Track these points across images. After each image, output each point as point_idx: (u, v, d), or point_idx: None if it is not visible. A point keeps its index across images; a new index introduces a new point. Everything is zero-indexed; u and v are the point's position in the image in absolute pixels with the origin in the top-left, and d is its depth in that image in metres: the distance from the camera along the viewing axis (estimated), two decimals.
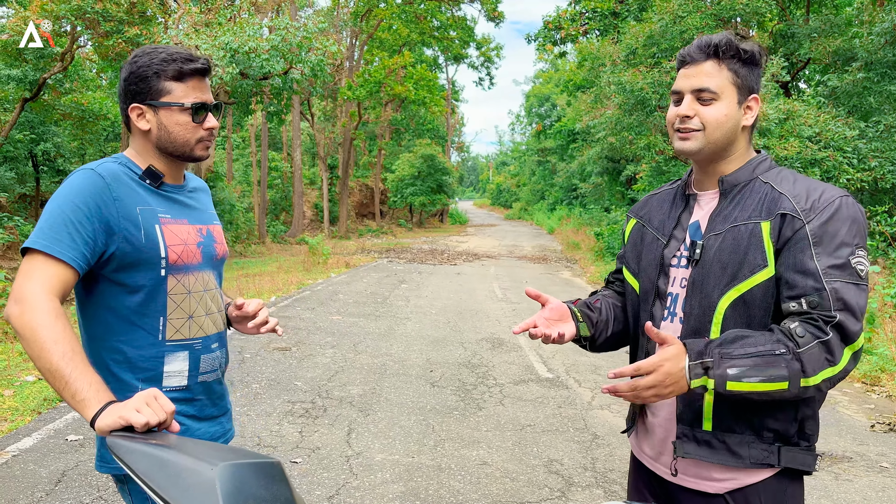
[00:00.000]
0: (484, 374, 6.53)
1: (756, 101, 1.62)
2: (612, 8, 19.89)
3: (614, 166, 28.03)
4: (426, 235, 32.62)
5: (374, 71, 29.08)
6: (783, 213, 1.51)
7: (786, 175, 1.61)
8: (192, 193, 1.85)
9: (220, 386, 1.84)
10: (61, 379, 1.40)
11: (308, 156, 39.84)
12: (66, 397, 1.40)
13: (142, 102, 1.68)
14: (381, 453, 4.42)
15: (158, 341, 1.66)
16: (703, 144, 1.61)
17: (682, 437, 1.61)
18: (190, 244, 1.72)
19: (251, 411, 5.17)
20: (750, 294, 1.52)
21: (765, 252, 1.51)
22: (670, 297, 1.69)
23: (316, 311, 9.86)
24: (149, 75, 1.67)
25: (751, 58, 1.59)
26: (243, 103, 18.45)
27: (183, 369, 1.70)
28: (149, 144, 1.72)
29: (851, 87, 13.29)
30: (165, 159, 1.74)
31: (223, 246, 1.89)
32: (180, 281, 1.69)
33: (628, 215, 1.94)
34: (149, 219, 1.64)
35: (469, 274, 15.86)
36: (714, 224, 1.61)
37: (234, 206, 22.31)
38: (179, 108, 1.68)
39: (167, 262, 1.65)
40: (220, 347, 1.82)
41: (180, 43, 13.50)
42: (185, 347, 1.70)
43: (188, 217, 1.76)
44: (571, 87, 32.92)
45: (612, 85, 16.05)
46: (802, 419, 1.56)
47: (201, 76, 1.72)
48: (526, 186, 54.91)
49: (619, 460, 4.44)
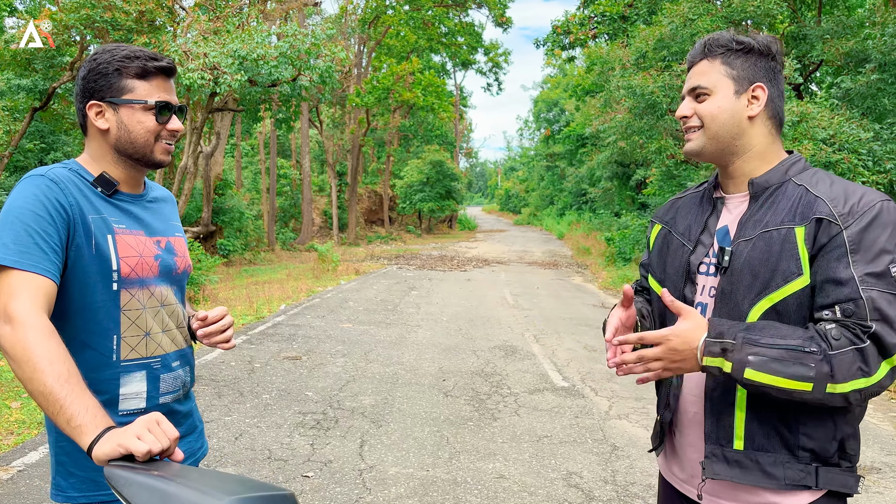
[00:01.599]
0: (498, 383, 6.41)
1: (762, 90, 1.53)
2: (622, 12, 19.78)
3: (624, 171, 27.89)
4: (435, 241, 32.53)
5: (382, 77, 29.07)
6: (819, 218, 1.40)
7: (821, 177, 1.50)
8: (151, 203, 1.73)
9: (184, 405, 1.74)
10: (55, 403, 1.28)
11: (317, 163, 39.87)
12: (60, 423, 1.29)
13: (101, 100, 1.59)
14: (395, 466, 4.31)
15: (113, 362, 1.55)
16: (704, 141, 1.57)
17: (711, 457, 1.51)
18: (146, 256, 1.61)
19: (261, 423, 5.07)
20: (783, 304, 1.41)
21: (799, 259, 1.40)
22: (699, 306, 1.59)
23: (326, 318, 9.77)
24: (109, 72, 1.58)
25: (746, 48, 1.53)
26: (252, 111, 18.46)
27: (141, 391, 1.59)
28: (106, 147, 1.62)
29: (865, 88, 13.11)
30: (123, 164, 1.64)
31: (185, 259, 1.77)
32: (134, 296, 1.57)
33: (652, 220, 1.85)
34: (101, 229, 1.54)
35: (479, 280, 15.74)
36: (744, 229, 1.51)
37: (244, 213, 22.30)
38: (142, 107, 1.59)
39: (119, 275, 1.54)
40: (182, 365, 1.71)
41: (189, 51, 13.50)
42: (143, 367, 1.59)
43: (145, 228, 1.65)
44: (580, 91, 32.83)
45: (621, 89, 15.94)
46: (842, 438, 1.45)
47: (166, 76, 1.63)
48: (535, 192, 54.74)
49: (641, 473, 4.31)
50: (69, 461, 1.55)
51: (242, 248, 21.78)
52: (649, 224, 1.86)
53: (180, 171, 16.57)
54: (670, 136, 15.99)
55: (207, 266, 12.37)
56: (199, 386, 5.96)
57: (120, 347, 1.55)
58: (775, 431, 1.44)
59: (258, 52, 13.32)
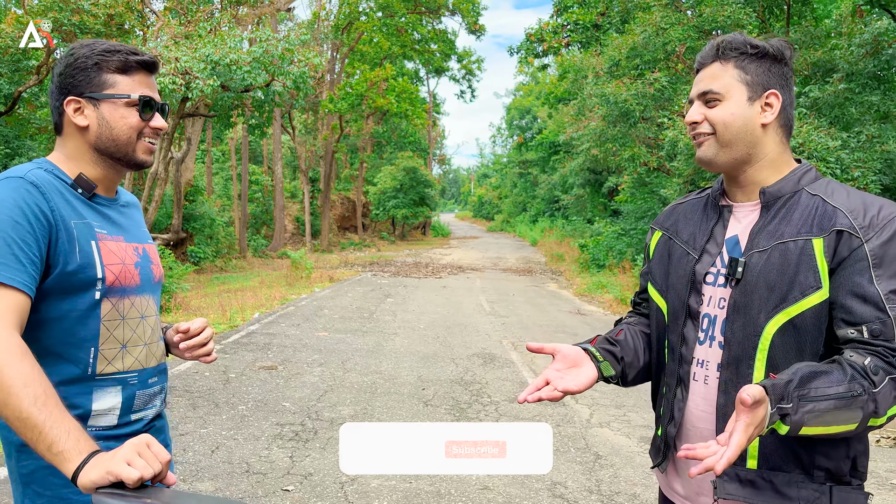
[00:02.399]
0: (478, 392, 6.36)
1: (776, 97, 1.48)
2: (594, 20, 19.98)
3: (596, 178, 28.14)
4: (409, 248, 32.44)
5: (355, 84, 28.96)
6: (839, 230, 1.36)
7: (836, 187, 1.46)
8: (124, 209, 1.65)
9: (157, 423, 1.65)
10: (33, 429, 1.20)
11: (289, 169, 39.54)
12: (40, 450, 1.20)
13: (80, 95, 1.50)
14: (378, 479, 4.23)
15: (88, 375, 1.45)
16: (717, 149, 1.50)
17: (724, 476, 1.46)
18: (128, 264, 1.53)
19: (238, 435, 4.95)
20: (801, 318, 1.37)
21: (818, 272, 1.36)
22: (707, 318, 1.54)
23: (301, 327, 9.64)
24: (88, 66, 1.49)
25: (761, 53, 1.48)
26: (224, 116, 18.24)
27: (114, 406, 1.50)
28: (84, 146, 1.52)
29: (832, 98, 13.38)
30: (102, 165, 1.55)
31: (159, 267, 1.70)
32: (115, 306, 1.49)
33: (652, 227, 1.78)
34: (84, 234, 1.45)
35: (455, 287, 15.70)
36: (757, 240, 1.46)
37: (215, 220, 21.97)
38: (125, 102, 1.51)
39: (104, 283, 1.46)
40: (159, 381, 1.63)
41: (159, 55, 13.28)
42: (119, 382, 1.50)
43: (124, 234, 1.58)
44: (553, 99, 33.09)
45: (594, 97, 16.06)
46: (855, 456, 1.42)
47: (148, 71, 1.55)
48: (508, 198, 54.99)
49: (625, 482, 4.29)
50: (36, 481, 1.45)
51: (214, 255, 21.46)
52: (649, 231, 1.80)
53: (150, 177, 16.29)
54: (643, 143, 16.15)
55: (179, 274, 12.14)
56: (172, 397, 5.82)
57: (97, 361, 1.46)
58: (790, 451, 1.41)
59: (231, 57, 13.16)
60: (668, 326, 1.63)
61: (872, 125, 12.81)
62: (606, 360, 1.63)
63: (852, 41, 13.02)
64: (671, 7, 14.69)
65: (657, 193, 17.17)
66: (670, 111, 13.79)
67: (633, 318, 1.83)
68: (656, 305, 1.68)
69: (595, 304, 13.51)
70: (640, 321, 1.80)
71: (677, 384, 1.60)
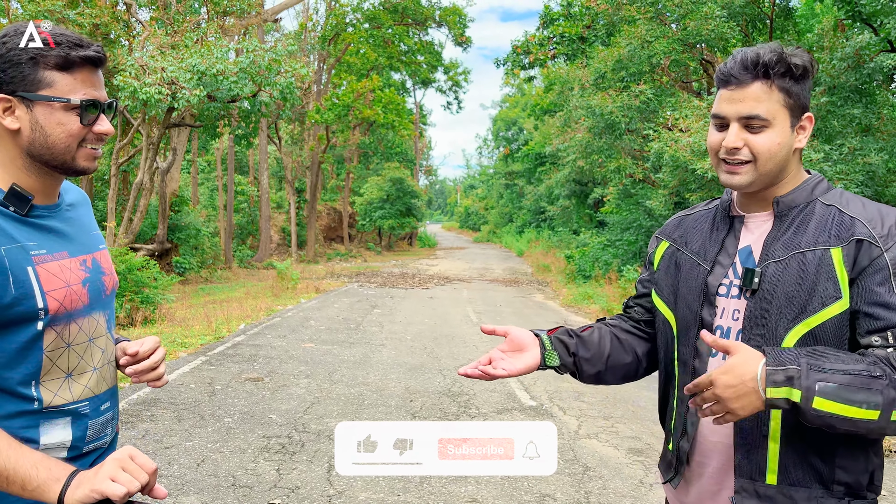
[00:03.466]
0: (466, 403, 6.34)
1: (810, 121, 1.46)
2: (580, 33, 20.13)
3: (582, 189, 28.28)
4: (396, 259, 32.39)
5: (342, 94, 28.96)
6: (859, 240, 1.35)
7: (850, 197, 1.45)
8: (69, 212, 1.45)
9: (109, 452, 1.48)
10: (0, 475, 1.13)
11: (275, 179, 39.41)
12: (15, 492, 1.14)
13: (11, 93, 1.28)
14: (365, 492, 4.20)
15: (34, 409, 1.29)
16: (754, 178, 1.44)
17: (742, 492, 1.43)
18: (73, 285, 1.35)
19: (224, 448, 4.90)
20: (821, 329, 1.36)
21: (837, 282, 1.35)
22: (720, 330, 1.51)
23: (287, 338, 9.57)
24: (23, 61, 1.27)
25: (803, 73, 1.41)
26: (210, 126, 18.16)
27: (65, 440, 1.34)
28: (15, 151, 1.31)
29: (815, 111, 13.56)
30: (37, 172, 1.34)
31: (112, 277, 1.51)
32: (60, 334, 1.32)
33: (657, 237, 1.74)
34: (18, 261, 1.25)
35: (442, 298, 15.68)
36: (772, 250, 1.44)
37: (200, 230, 21.83)
38: (63, 106, 1.30)
39: (46, 312, 1.28)
40: (110, 408, 1.47)
41: (146, 65, 13.23)
42: (67, 414, 1.34)
43: (68, 248, 1.38)
44: (539, 110, 33.27)
45: (580, 108, 16.17)
46: (873, 470, 1.41)
47: (94, 67, 1.34)
48: (494, 209, 55.10)
49: (614, 494, 4.28)
50: None
51: (199, 265, 21.30)
52: (653, 240, 1.77)
53: (136, 188, 16.18)
54: (629, 155, 16.27)
55: (164, 284, 12.03)
56: (157, 409, 5.75)
57: (42, 395, 1.30)
58: (810, 465, 1.39)
59: (218, 68, 13.14)
60: (678, 338, 1.60)
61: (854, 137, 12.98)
62: (554, 350, 1.65)
63: (834, 55, 13.21)
64: (656, 20, 14.85)
65: (642, 205, 17.27)
66: (655, 123, 13.90)
67: (615, 320, 1.80)
68: (663, 317, 1.64)
69: (581, 315, 13.54)
70: (620, 324, 1.77)
71: (690, 397, 1.59)
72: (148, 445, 4.88)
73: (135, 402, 5.94)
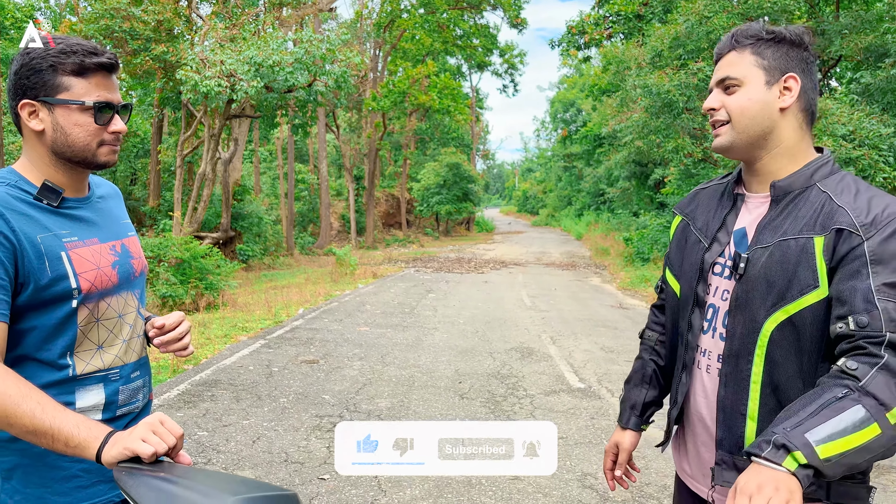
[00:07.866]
0: (514, 385, 6.41)
1: (794, 80, 1.47)
2: (636, 11, 19.70)
3: (642, 170, 27.74)
4: (453, 244, 32.56)
5: (397, 81, 29.19)
6: (839, 229, 1.36)
7: (848, 183, 1.44)
8: (99, 203, 1.62)
9: (143, 416, 1.65)
10: (45, 435, 1.28)
11: (334, 167, 40.11)
12: (60, 449, 1.29)
13: (34, 99, 1.45)
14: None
15: (68, 378, 1.47)
16: (733, 136, 1.51)
17: (722, 464, 1.50)
18: (104, 267, 1.52)
19: (278, 426, 5.12)
20: (799, 317, 1.38)
21: (816, 271, 1.37)
22: (711, 308, 1.57)
23: (343, 322, 9.83)
24: (43, 68, 1.43)
25: (778, 38, 1.47)
26: (269, 116, 18.63)
27: (99, 403, 1.52)
28: (43, 150, 1.49)
29: (885, 83, 12.93)
30: (64, 168, 1.51)
31: (141, 260, 1.68)
32: (92, 311, 1.49)
33: (674, 211, 1.81)
34: (53, 247, 1.43)
35: (496, 282, 15.74)
36: (762, 235, 1.48)
37: (262, 218, 22.48)
38: (79, 108, 1.46)
39: (80, 292, 1.46)
40: (141, 376, 1.64)
41: (206, 59, 13.66)
42: (100, 380, 1.52)
43: (98, 235, 1.56)
44: (596, 91, 32.71)
45: (637, 88, 15.87)
46: None
47: (107, 72, 1.49)
48: (552, 192, 54.62)
49: (656, 473, 4.30)
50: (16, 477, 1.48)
51: (261, 253, 21.96)
52: (672, 214, 1.83)
53: (199, 178, 16.76)
54: (687, 134, 15.87)
55: (227, 272, 12.48)
56: (217, 390, 6.03)
57: (76, 364, 1.48)
58: None
59: (274, 59, 13.44)
60: (680, 312, 1.67)
61: None
62: (646, 425, 1.89)
63: None
64: None
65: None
66: None
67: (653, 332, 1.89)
68: (671, 290, 1.71)
69: (638, 298, 13.38)
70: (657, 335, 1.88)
71: (682, 369, 1.65)
72: (208, 423, 5.14)
73: (197, 383, 6.25)
